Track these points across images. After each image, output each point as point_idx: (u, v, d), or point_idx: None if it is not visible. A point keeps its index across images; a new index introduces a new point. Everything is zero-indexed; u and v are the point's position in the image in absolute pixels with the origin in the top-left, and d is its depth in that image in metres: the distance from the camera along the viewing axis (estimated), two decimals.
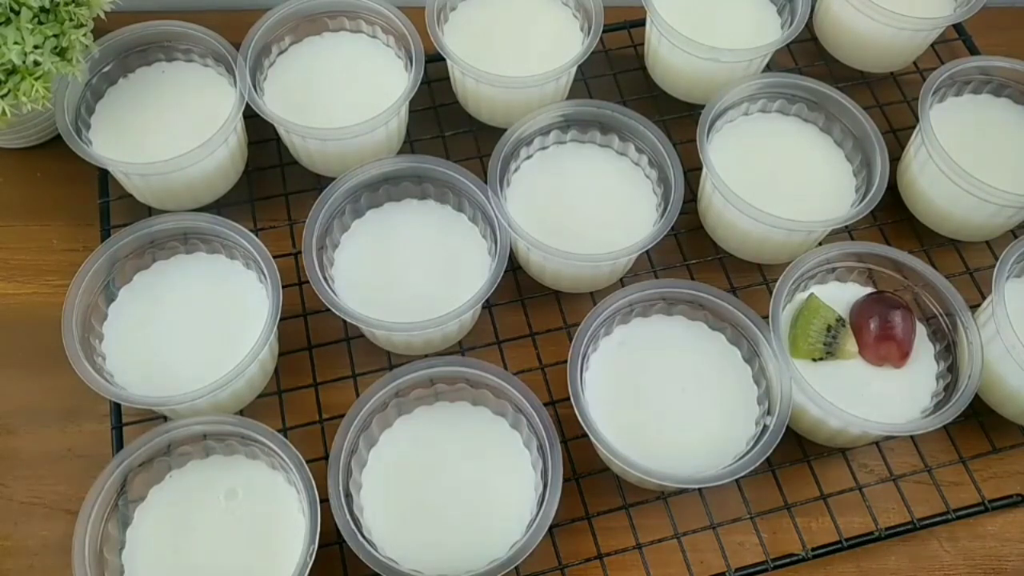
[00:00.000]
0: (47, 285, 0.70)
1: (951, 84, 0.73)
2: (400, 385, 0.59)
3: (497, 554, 0.55)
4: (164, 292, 0.65)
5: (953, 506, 0.63)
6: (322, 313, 0.66)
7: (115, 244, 0.63)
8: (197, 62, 0.74)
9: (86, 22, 0.66)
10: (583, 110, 0.70)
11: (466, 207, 0.68)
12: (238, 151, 0.72)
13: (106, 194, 0.72)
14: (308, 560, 0.53)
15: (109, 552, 0.55)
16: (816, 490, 0.63)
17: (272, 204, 0.74)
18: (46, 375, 0.65)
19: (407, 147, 0.76)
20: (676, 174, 0.66)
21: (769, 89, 0.72)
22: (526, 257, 0.69)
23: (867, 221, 0.73)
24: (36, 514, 0.62)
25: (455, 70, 0.74)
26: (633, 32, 0.83)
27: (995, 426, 0.66)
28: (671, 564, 0.61)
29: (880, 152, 0.68)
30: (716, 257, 0.73)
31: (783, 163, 0.72)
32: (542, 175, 0.70)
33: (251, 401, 0.65)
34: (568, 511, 0.61)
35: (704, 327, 0.64)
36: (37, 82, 0.63)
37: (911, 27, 0.75)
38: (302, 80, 0.73)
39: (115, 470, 0.55)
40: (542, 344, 0.68)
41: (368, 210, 0.69)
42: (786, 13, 0.77)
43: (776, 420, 0.58)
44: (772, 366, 0.60)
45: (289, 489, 0.58)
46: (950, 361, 0.62)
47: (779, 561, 0.61)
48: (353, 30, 0.76)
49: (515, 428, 0.60)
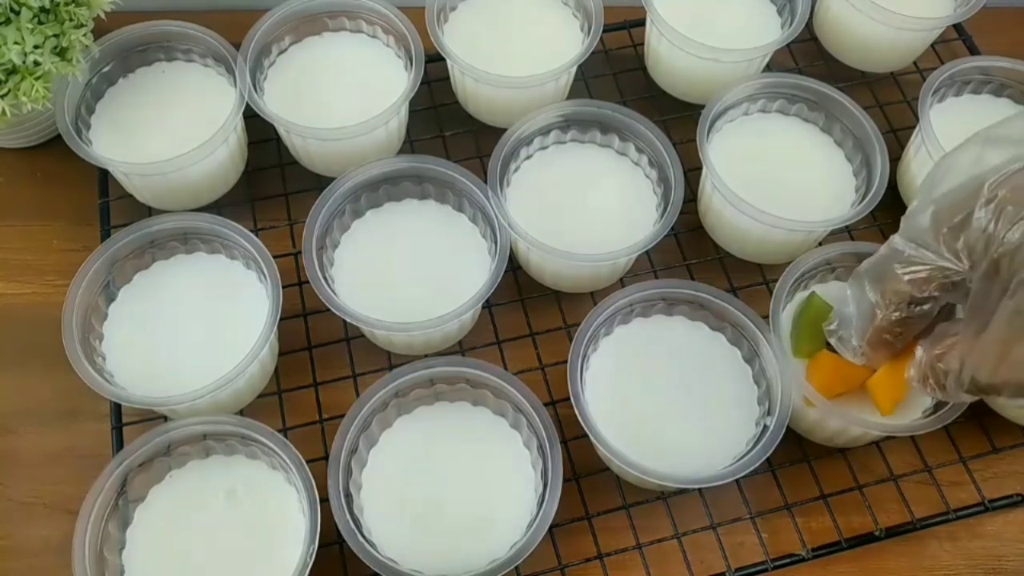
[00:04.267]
0: (47, 285, 0.70)
1: (951, 84, 0.73)
2: (400, 385, 0.59)
3: (497, 554, 0.55)
4: (164, 292, 0.65)
5: (953, 506, 0.63)
6: (322, 313, 0.66)
7: (115, 244, 0.63)
8: (197, 62, 0.74)
9: (86, 22, 0.66)
10: (583, 110, 0.70)
11: (466, 207, 0.68)
12: (238, 151, 0.72)
13: (106, 194, 0.72)
14: (308, 560, 0.53)
15: (109, 552, 0.55)
16: (816, 490, 0.63)
17: (272, 204, 0.74)
18: (46, 375, 0.65)
19: (407, 147, 0.76)
20: (676, 174, 0.66)
21: (769, 89, 0.72)
22: (526, 257, 0.69)
23: (867, 221, 0.73)
24: (36, 514, 0.62)
25: (455, 70, 0.74)
26: (633, 32, 0.83)
27: (995, 426, 0.66)
28: (671, 564, 0.61)
29: (880, 152, 0.68)
30: (716, 257, 0.73)
31: (783, 163, 0.72)
32: (542, 175, 0.70)
33: (251, 401, 0.65)
34: (568, 511, 0.61)
35: (704, 327, 0.64)
36: (37, 82, 0.63)
37: (911, 27, 0.75)
38: (302, 80, 0.73)
39: (115, 470, 0.55)
40: (542, 344, 0.68)
41: (368, 210, 0.69)
42: (786, 13, 0.77)
43: (776, 420, 0.58)
44: (772, 366, 0.60)
45: (289, 489, 0.58)
46: None
47: (779, 561, 0.61)
48: (353, 30, 0.76)
49: (515, 428, 0.60)
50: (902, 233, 0.48)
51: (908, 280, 0.47)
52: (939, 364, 0.47)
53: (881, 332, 0.50)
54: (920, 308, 0.47)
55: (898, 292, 0.47)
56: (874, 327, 0.50)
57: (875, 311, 0.49)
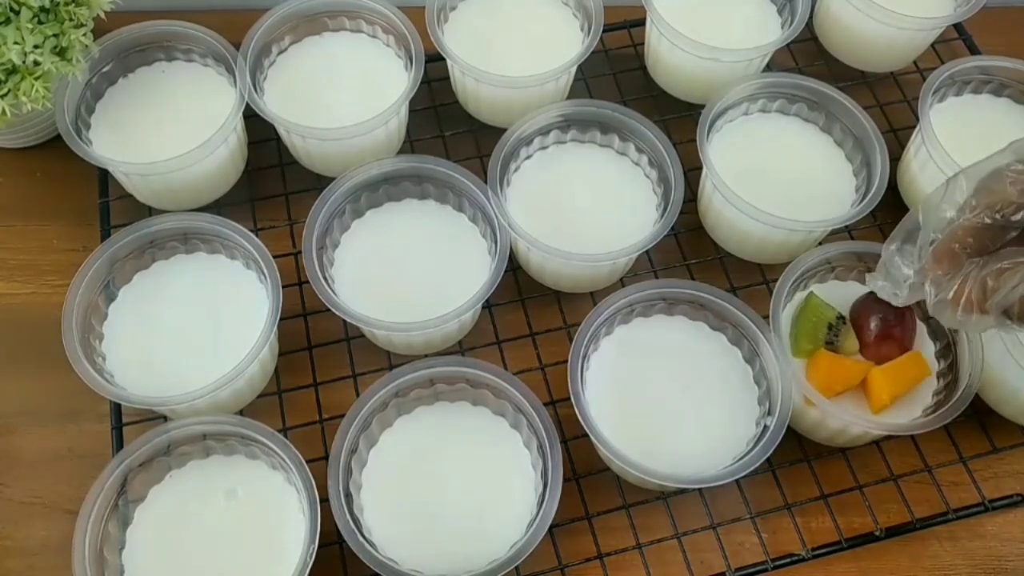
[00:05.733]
0: (47, 285, 0.70)
1: (951, 84, 0.73)
2: (400, 385, 0.59)
3: (497, 554, 0.55)
4: (164, 292, 0.65)
5: (953, 506, 0.63)
6: (322, 313, 0.66)
7: (115, 244, 0.63)
8: (197, 62, 0.74)
9: (86, 22, 0.66)
10: (583, 110, 0.70)
11: (466, 207, 0.68)
12: (238, 151, 0.72)
13: (106, 194, 0.72)
14: (308, 560, 0.53)
15: (109, 552, 0.55)
16: (816, 490, 0.63)
17: (272, 204, 0.74)
18: (46, 375, 0.65)
19: (407, 147, 0.76)
20: (676, 174, 0.66)
21: (769, 89, 0.72)
22: (526, 257, 0.69)
23: (867, 221, 0.73)
24: (36, 514, 0.62)
25: (455, 70, 0.74)
26: (633, 32, 0.83)
27: (995, 426, 0.66)
28: (671, 564, 0.61)
29: (880, 152, 0.68)
30: (716, 257, 0.73)
31: (783, 163, 0.72)
32: (542, 175, 0.70)
33: (251, 401, 0.65)
34: (568, 511, 0.61)
35: (705, 327, 0.64)
36: (37, 82, 0.63)
37: (911, 27, 0.75)
38: (302, 80, 0.73)
39: (115, 470, 0.55)
40: (542, 344, 0.68)
41: (368, 210, 0.69)
42: (786, 13, 0.77)
43: (776, 420, 0.58)
44: (772, 366, 0.60)
45: (289, 489, 0.58)
46: (950, 360, 0.62)
47: (779, 561, 0.61)
48: (353, 30, 0.76)
49: (515, 428, 0.60)
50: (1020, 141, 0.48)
51: (1011, 183, 0.47)
52: (993, 281, 0.47)
53: (954, 240, 0.49)
54: (1009, 219, 0.47)
55: (998, 194, 0.47)
56: (951, 231, 0.49)
57: (958, 218, 0.49)
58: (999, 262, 0.47)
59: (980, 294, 0.47)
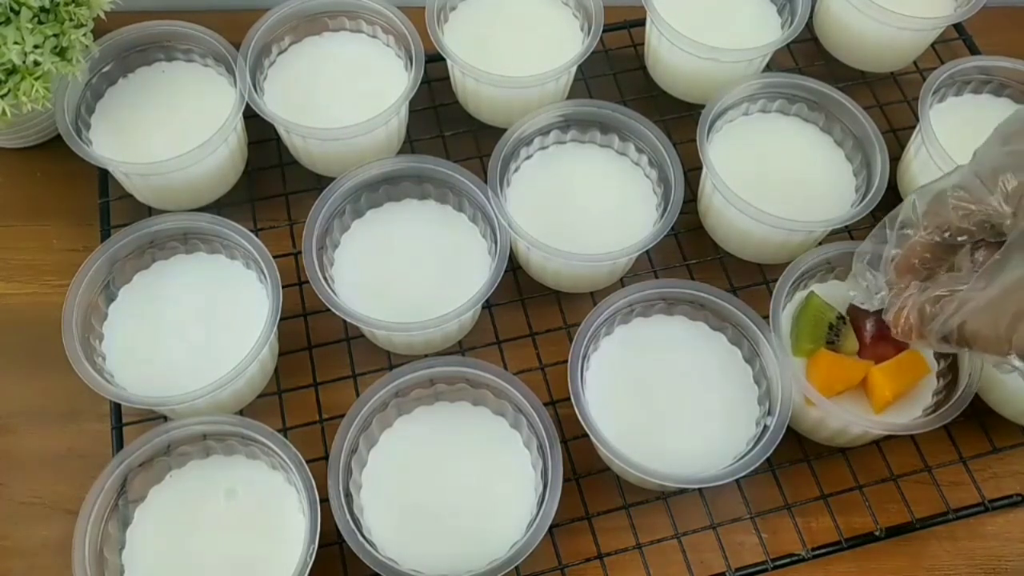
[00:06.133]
0: (47, 285, 0.70)
1: (951, 84, 0.73)
2: (400, 385, 0.59)
3: (497, 554, 0.55)
4: (164, 292, 0.65)
5: (953, 506, 0.63)
6: (322, 313, 0.66)
7: (115, 244, 0.63)
8: (197, 62, 0.74)
9: (86, 22, 0.66)
10: (583, 110, 0.70)
11: (466, 207, 0.68)
12: (238, 151, 0.72)
13: (106, 194, 0.72)
14: (308, 560, 0.53)
15: (109, 552, 0.55)
16: (816, 490, 0.63)
17: (272, 204, 0.74)
18: (46, 375, 0.65)
19: (407, 147, 0.76)
20: (676, 174, 0.66)
21: (769, 89, 0.72)
22: (526, 257, 0.69)
23: (867, 221, 0.73)
24: (36, 514, 0.62)
25: (455, 70, 0.74)
26: (633, 32, 0.83)
27: (995, 426, 0.66)
28: (671, 564, 0.61)
29: (880, 152, 0.68)
30: (716, 257, 0.73)
31: (783, 163, 0.72)
32: (542, 175, 0.70)
33: (251, 401, 0.65)
34: (568, 511, 0.61)
35: (705, 327, 0.64)
36: (37, 82, 0.63)
37: (911, 27, 0.75)
38: (302, 80, 0.73)
39: (115, 470, 0.55)
40: (542, 344, 0.68)
41: (368, 210, 0.69)
42: (786, 13, 0.77)
43: (776, 420, 0.58)
44: (772, 366, 0.60)
45: (289, 489, 0.58)
46: (950, 360, 0.62)
47: (779, 561, 0.61)
48: (353, 30, 0.76)
49: (515, 428, 0.60)
50: (968, 166, 0.49)
51: (952, 208, 0.47)
52: (932, 306, 0.48)
53: (913, 255, 0.50)
54: (954, 240, 0.48)
55: (942, 216, 0.48)
56: (910, 246, 0.50)
57: (914, 235, 0.50)
58: (937, 289, 0.48)
59: (918, 320, 0.49)
